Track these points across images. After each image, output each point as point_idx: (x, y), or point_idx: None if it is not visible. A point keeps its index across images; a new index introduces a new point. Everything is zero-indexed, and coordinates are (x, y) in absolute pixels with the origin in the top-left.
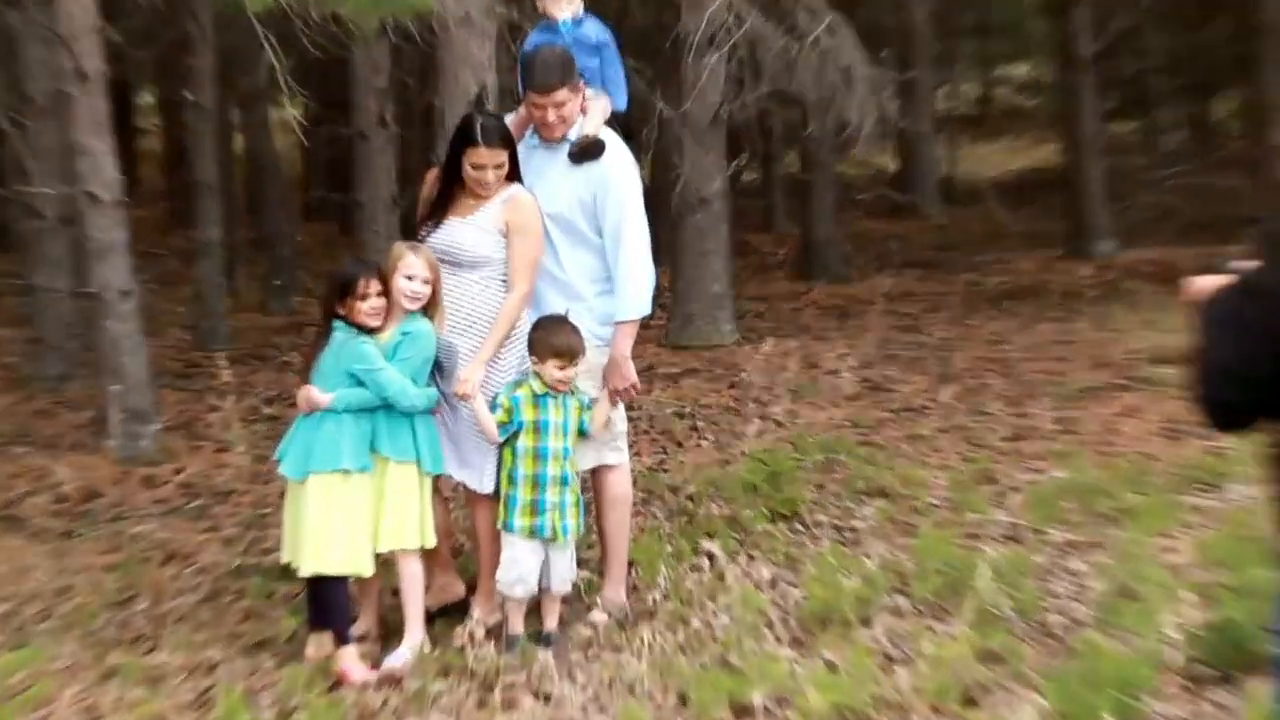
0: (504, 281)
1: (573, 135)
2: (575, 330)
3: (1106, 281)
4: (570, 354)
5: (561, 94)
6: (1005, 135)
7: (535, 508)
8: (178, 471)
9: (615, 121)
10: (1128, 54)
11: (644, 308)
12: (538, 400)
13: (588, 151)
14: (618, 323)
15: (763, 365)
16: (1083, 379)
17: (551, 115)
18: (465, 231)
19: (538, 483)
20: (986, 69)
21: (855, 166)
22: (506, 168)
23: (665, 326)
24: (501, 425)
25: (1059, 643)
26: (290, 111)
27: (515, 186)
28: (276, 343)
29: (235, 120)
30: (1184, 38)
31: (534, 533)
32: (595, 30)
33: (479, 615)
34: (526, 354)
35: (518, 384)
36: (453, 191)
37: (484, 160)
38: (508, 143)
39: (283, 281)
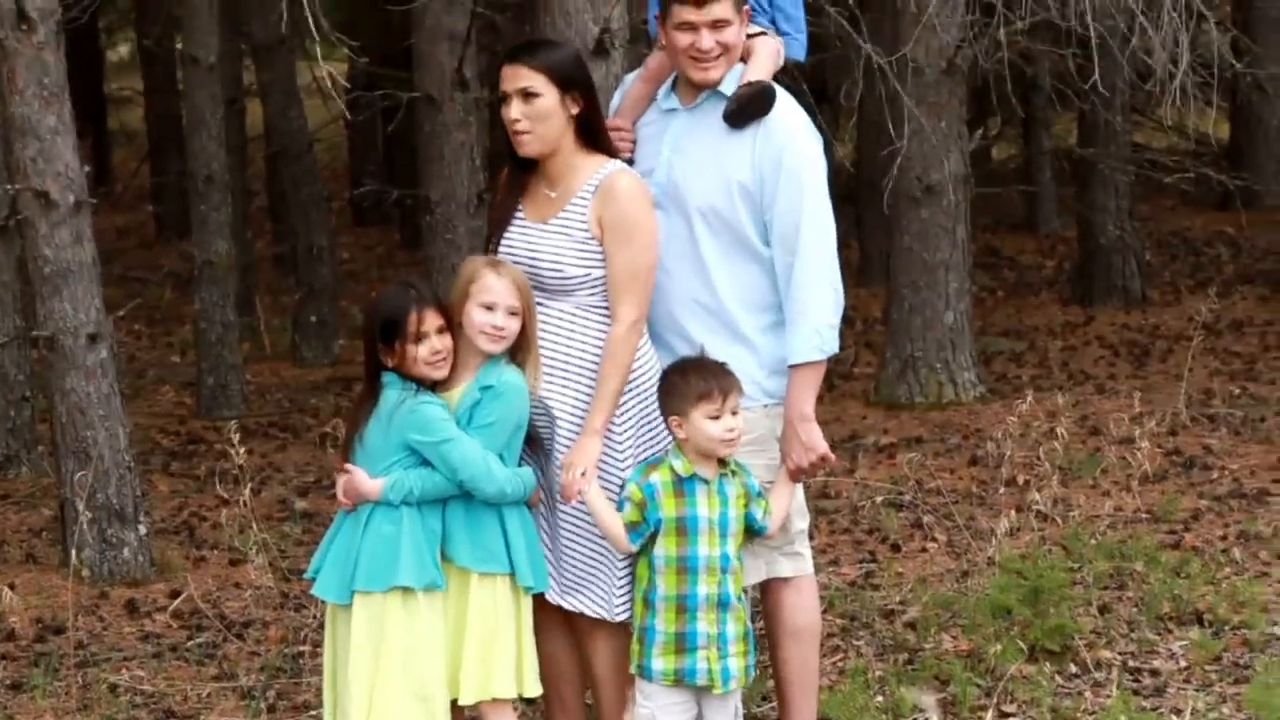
0: (607, 311)
1: (727, 90)
2: (723, 366)
3: None
4: (724, 391)
5: (722, 8)
6: None
7: (683, 643)
8: (174, 594)
9: (795, 75)
10: None
11: (830, 345)
12: (681, 486)
13: (750, 106)
14: (793, 367)
15: (1019, 431)
16: None
17: (708, 40)
18: (545, 240)
19: (685, 608)
20: None
21: (1163, 135)
22: (547, 101)
23: (875, 375)
24: (632, 528)
25: None
26: (325, 68)
27: (612, 164)
28: (313, 405)
29: (249, 83)
30: None
31: (681, 679)
32: None
33: None
34: (656, 419)
35: (651, 466)
36: (525, 177)
37: (506, 84)
38: (552, 64)
39: (320, 317)
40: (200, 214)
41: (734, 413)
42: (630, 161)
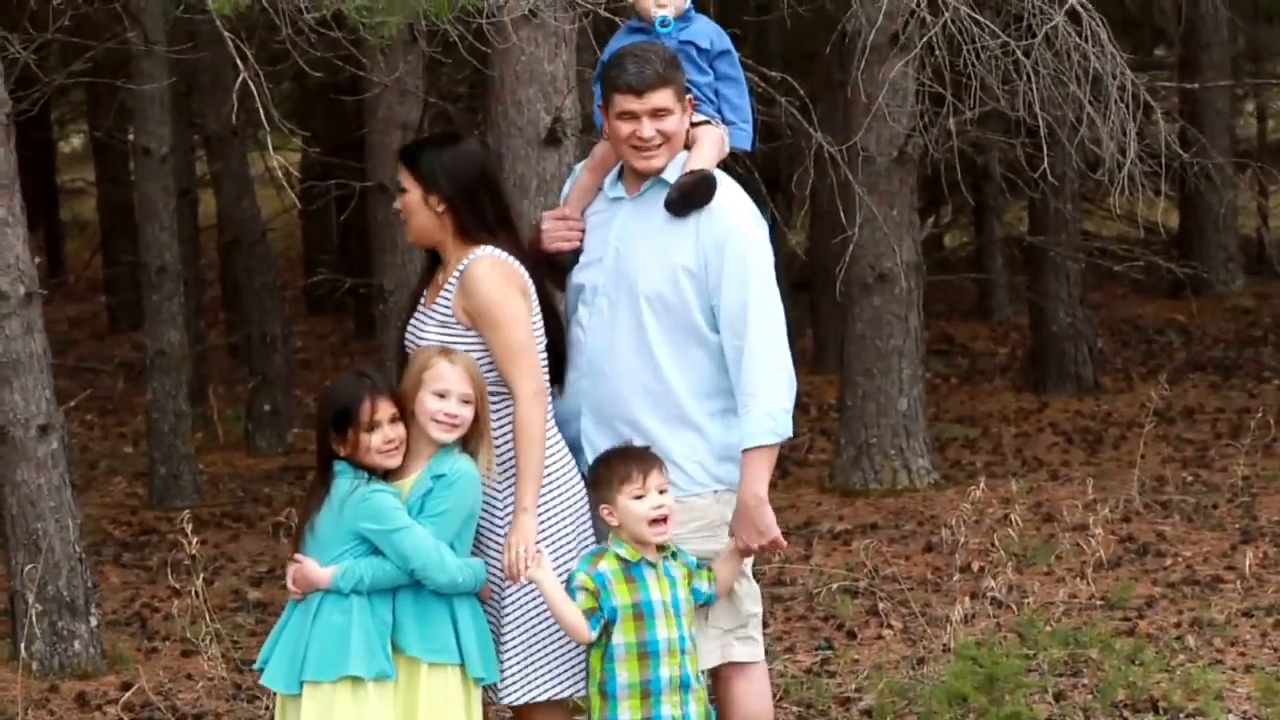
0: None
1: (671, 178)
2: (645, 449)
3: None
4: (643, 471)
5: (662, 97)
6: None
7: (647, 689)
8: (125, 686)
9: (746, 164)
10: None
11: (784, 428)
12: (630, 572)
13: (692, 194)
14: (746, 451)
15: (973, 518)
16: None
17: (648, 128)
18: (428, 325)
19: (649, 693)
20: None
21: (1113, 224)
22: (413, 196)
23: (829, 461)
24: (589, 614)
25: None
26: (278, 159)
27: (476, 253)
28: (266, 494)
29: (202, 173)
30: None
31: None
32: (709, 33)
33: None
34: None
35: (597, 556)
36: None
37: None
38: (420, 164)
39: (274, 406)
40: (153, 304)
41: (661, 491)
42: (579, 251)
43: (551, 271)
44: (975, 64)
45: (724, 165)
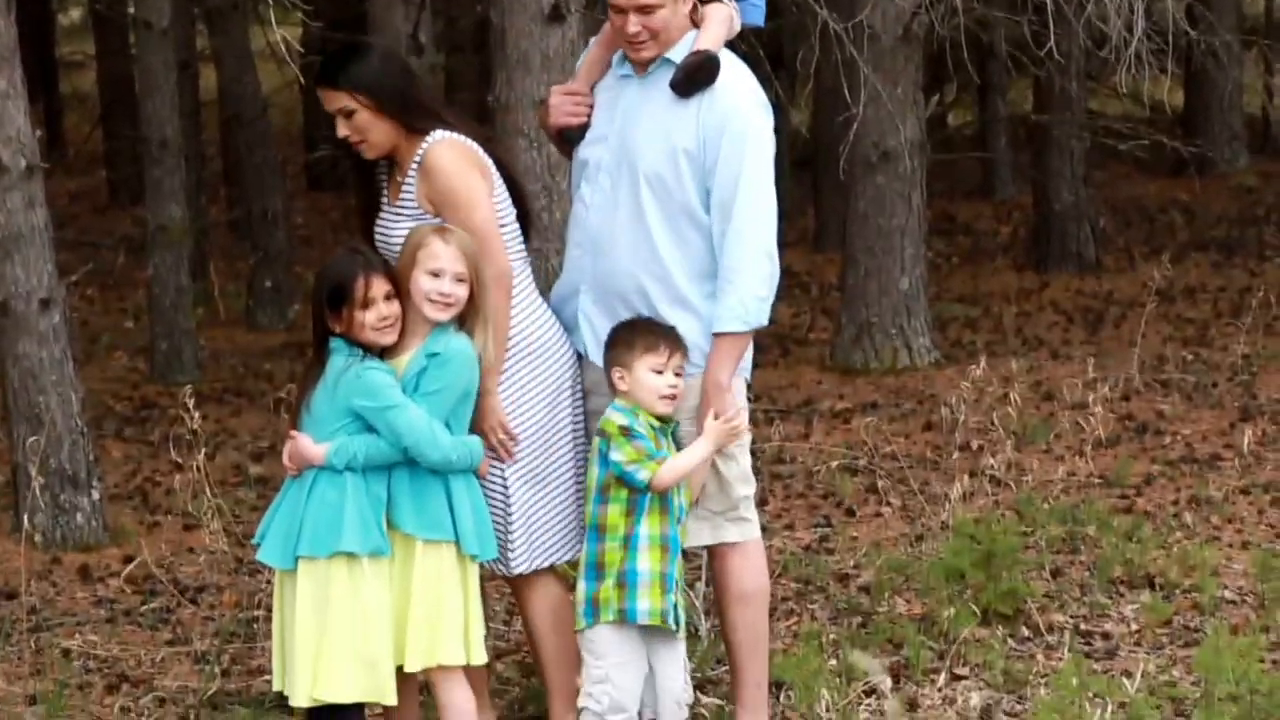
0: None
1: (677, 58)
2: (673, 329)
3: None
4: (670, 348)
5: None
6: None
7: (665, 584)
8: (127, 559)
9: (751, 42)
10: None
11: (755, 318)
12: (657, 433)
13: (695, 75)
14: (716, 334)
15: (974, 397)
16: None
17: (633, 25)
18: (393, 221)
19: (666, 548)
20: None
21: (1117, 102)
22: (363, 115)
23: (830, 341)
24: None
25: None
26: (279, 34)
27: (431, 138)
28: (267, 370)
29: (202, 47)
30: None
31: (665, 619)
32: None
33: None
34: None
35: (629, 414)
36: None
37: (326, 105)
38: (355, 83)
39: (275, 282)
40: (154, 179)
41: (677, 374)
42: (586, 126)
43: (559, 145)
44: None
45: (728, 43)
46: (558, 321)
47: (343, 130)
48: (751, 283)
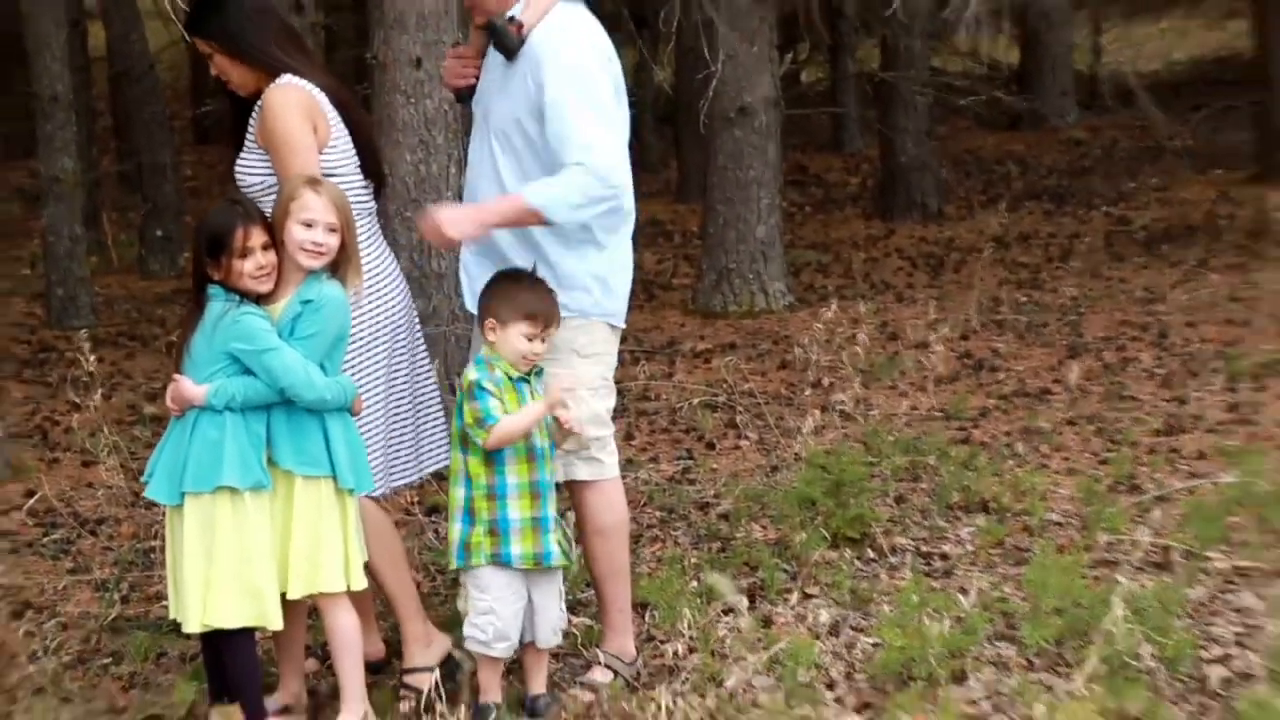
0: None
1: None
2: (550, 290)
3: None
4: (546, 320)
5: None
6: (1172, 10)
7: (539, 527)
8: (29, 494)
9: (615, 1)
10: None
11: (555, 211)
12: (515, 385)
13: (500, 42)
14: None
15: (825, 337)
16: (1266, 350)
17: None
18: (248, 158)
19: (537, 493)
20: None
21: (957, 60)
22: (220, 59)
23: (692, 286)
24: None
25: (1218, 703)
26: None
27: (277, 81)
28: (159, 315)
29: (90, 4)
30: None
31: (540, 561)
32: None
33: (420, 662)
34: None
35: (488, 364)
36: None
37: (200, 46)
38: (209, 31)
39: (165, 232)
40: (46, 133)
41: (543, 341)
42: (473, 88)
43: (458, 102)
44: None
45: (593, 5)
46: (390, 269)
47: (212, 70)
48: (568, 190)
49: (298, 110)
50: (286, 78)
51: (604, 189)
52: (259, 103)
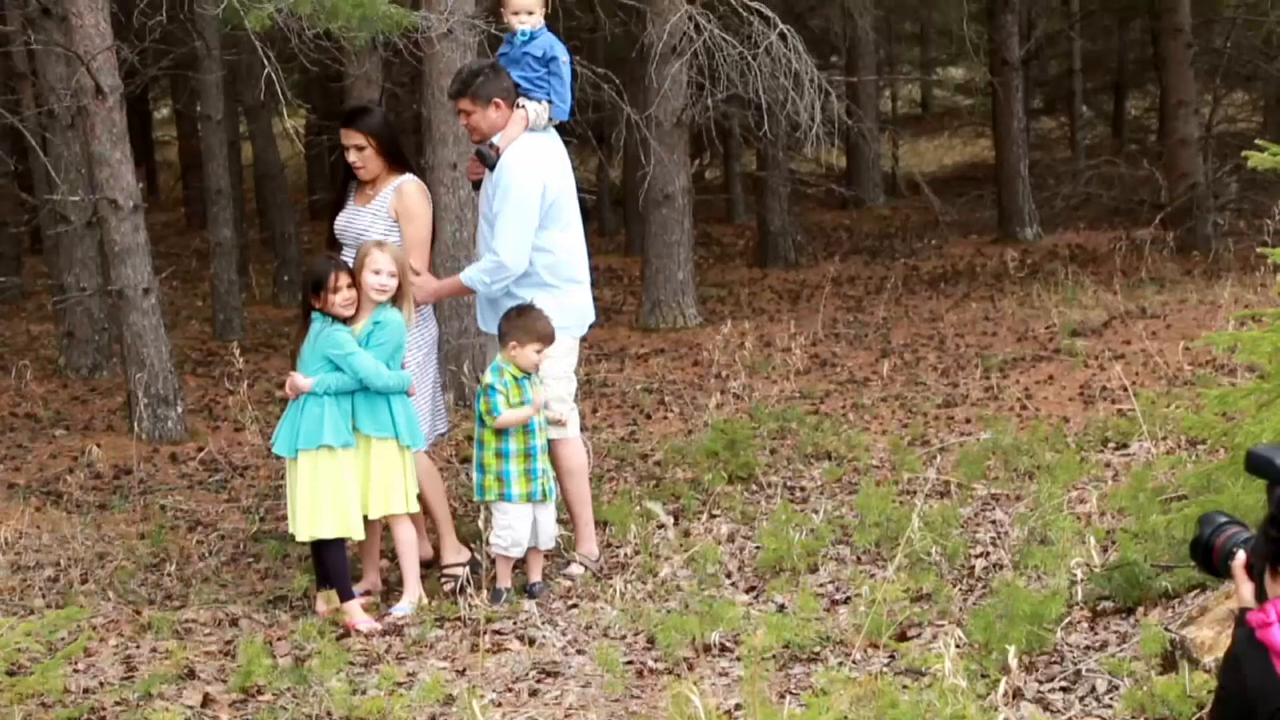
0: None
1: (499, 144)
2: (548, 318)
3: (1030, 264)
4: (550, 339)
5: (462, 104)
6: (942, 133)
7: (530, 475)
8: (200, 449)
9: (582, 125)
10: (1052, 56)
11: (475, 283)
12: (519, 382)
13: (482, 160)
14: (459, 275)
15: (723, 344)
16: (1007, 351)
17: (462, 120)
18: (361, 216)
19: (529, 454)
20: (926, 72)
21: (806, 163)
22: (369, 150)
23: (636, 311)
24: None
25: (981, 583)
26: (290, 123)
27: (407, 176)
28: (286, 332)
29: (243, 131)
30: (1103, 41)
31: (530, 497)
32: (545, 45)
33: (452, 559)
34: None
35: (500, 370)
36: (348, 180)
37: (344, 140)
38: (368, 128)
39: (290, 277)
40: (213, 214)
41: (543, 354)
42: (477, 184)
43: (474, 190)
44: (723, 64)
45: (567, 128)
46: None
47: (351, 157)
48: (486, 267)
49: (426, 199)
50: (412, 176)
51: (504, 273)
52: (392, 187)
